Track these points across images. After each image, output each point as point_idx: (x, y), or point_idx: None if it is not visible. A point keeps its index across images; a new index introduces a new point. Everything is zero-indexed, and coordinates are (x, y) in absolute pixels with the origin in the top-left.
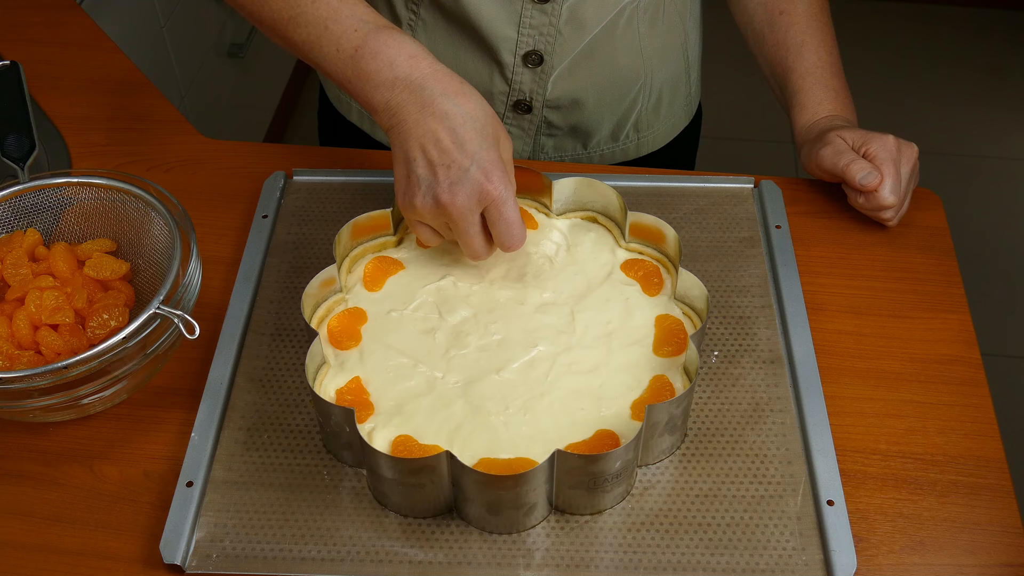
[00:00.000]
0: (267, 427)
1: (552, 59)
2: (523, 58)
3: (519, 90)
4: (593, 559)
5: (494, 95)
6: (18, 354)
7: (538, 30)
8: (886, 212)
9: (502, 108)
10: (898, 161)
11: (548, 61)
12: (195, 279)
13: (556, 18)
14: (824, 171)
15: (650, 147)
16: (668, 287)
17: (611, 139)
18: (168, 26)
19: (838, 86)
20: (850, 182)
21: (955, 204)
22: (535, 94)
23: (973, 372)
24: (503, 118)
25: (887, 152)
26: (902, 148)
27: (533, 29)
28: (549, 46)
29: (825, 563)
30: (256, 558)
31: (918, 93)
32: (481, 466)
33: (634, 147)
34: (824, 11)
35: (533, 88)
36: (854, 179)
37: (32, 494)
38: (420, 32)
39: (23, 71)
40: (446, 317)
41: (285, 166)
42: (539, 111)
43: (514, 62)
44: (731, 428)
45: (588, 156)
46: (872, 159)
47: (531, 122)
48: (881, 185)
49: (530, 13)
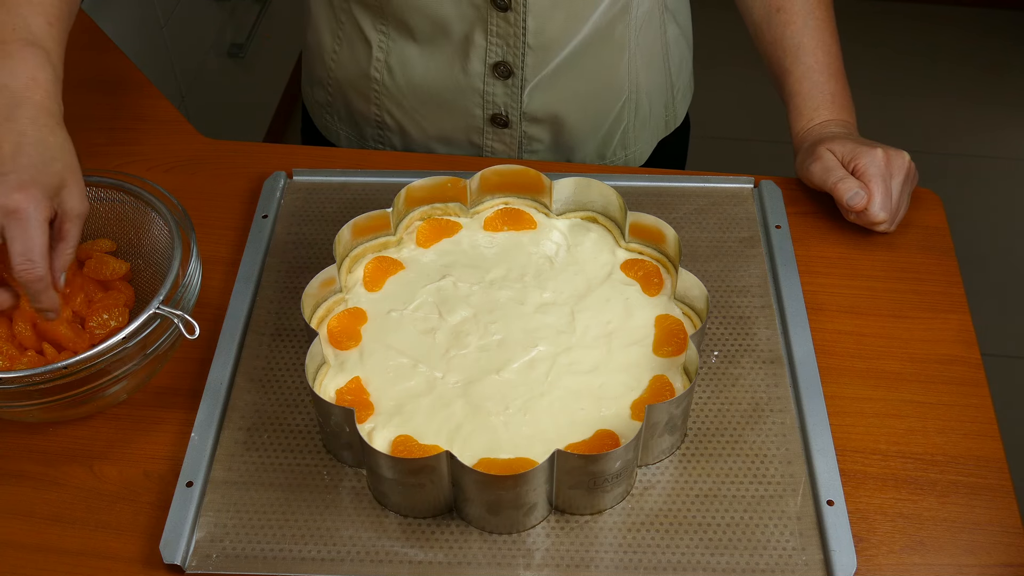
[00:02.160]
0: (267, 427)
1: (523, 72)
2: (492, 68)
3: (492, 103)
4: (593, 559)
5: (470, 111)
6: (18, 354)
7: (504, 40)
8: (879, 226)
9: (480, 123)
10: (887, 176)
11: (517, 74)
12: (195, 279)
13: (519, 29)
14: (814, 186)
15: (638, 160)
16: (668, 287)
17: (597, 157)
18: (168, 26)
19: (836, 89)
20: (838, 201)
21: (955, 204)
22: (510, 108)
23: (973, 372)
24: (483, 133)
25: (876, 168)
26: (892, 160)
27: (500, 39)
28: (517, 58)
29: (825, 563)
30: (256, 558)
31: (918, 92)
32: (481, 466)
33: (621, 163)
34: (823, 7)
35: (507, 102)
36: (842, 199)
37: (32, 494)
38: (392, 52)
39: None
40: (446, 317)
41: (285, 166)
42: (517, 125)
43: (484, 71)
44: (731, 428)
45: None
46: (861, 175)
47: (512, 136)
48: (870, 203)
49: (495, 21)
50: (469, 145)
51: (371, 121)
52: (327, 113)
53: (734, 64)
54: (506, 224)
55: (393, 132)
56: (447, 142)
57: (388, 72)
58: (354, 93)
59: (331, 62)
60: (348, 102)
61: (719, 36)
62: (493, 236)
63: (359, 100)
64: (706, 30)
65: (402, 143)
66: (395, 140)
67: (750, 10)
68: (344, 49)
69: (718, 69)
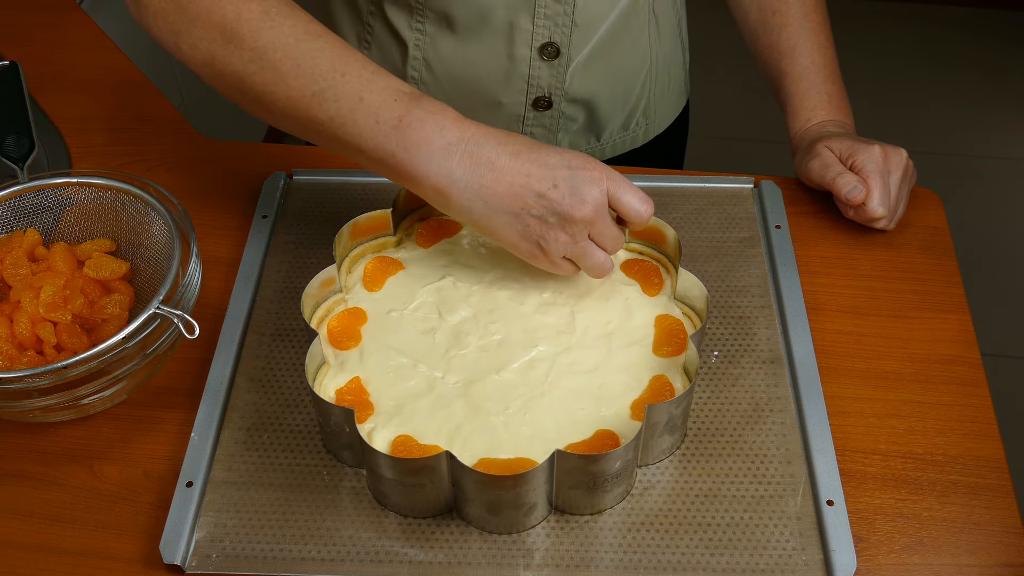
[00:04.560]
0: (267, 427)
1: (569, 51)
2: (539, 51)
3: (537, 86)
4: (593, 559)
5: (512, 97)
6: (18, 354)
7: (553, 20)
8: (878, 222)
9: (521, 109)
10: (885, 172)
11: (565, 53)
12: (195, 279)
13: (570, 7)
14: (813, 183)
15: (656, 130)
16: (668, 287)
17: (622, 128)
18: None
19: (832, 89)
20: (837, 196)
21: (955, 204)
22: (554, 89)
23: (973, 372)
24: (523, 119)
25: (873, 163)
26: (889, 157)
27: (548, 20)
28: (565, 37)
29: (825, 563)
30: (256, 558)
31: (917, 93)
32: (481, 466)
33: (643, 133)
34: (818, 10)
35: (551, 83)
36: (840, 193)
37: (32, 494)
38: (428, 48)
39: (23, 71)
40: (446, 317)
41: (285, 166)
42: (558, 106)
43: (530, 55)
44: (731, 428)
45: (601, 148)
46: (859, 171)
47: (552, 118)
48: (868, 198)
49: (545, 3)
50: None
51: None
52: None
53: (734, 64)
54: None
55: None
56: None
57: (427, 69)
58: None
59: None
60: None
61: (718, 36)
62: None
63: None
64: (705, 30)
65: None
66: None
67: (745, 14)
68: (374, 54)
69: (718, 69)
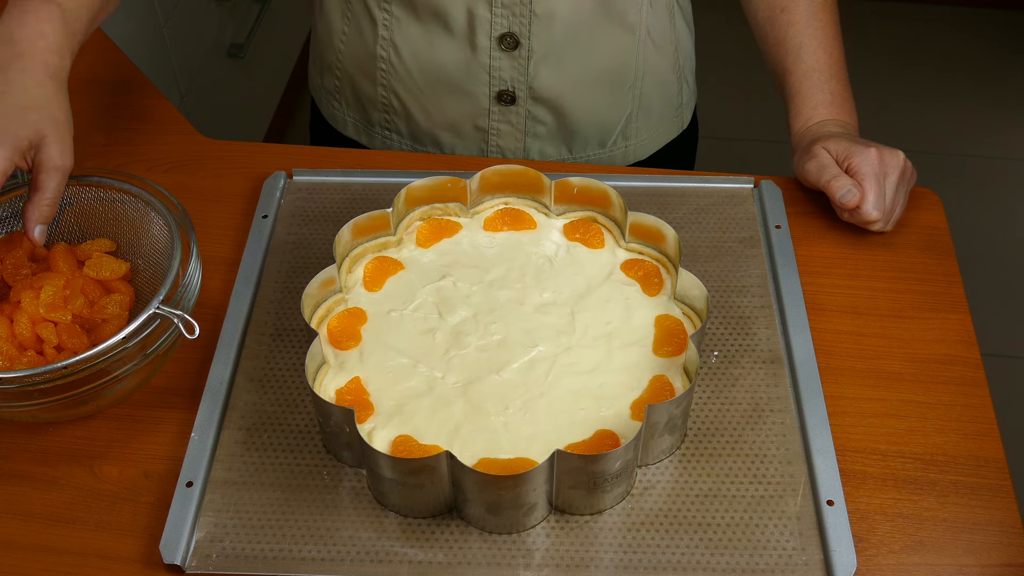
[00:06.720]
0: (267, 427)
1: (529, 42)
2: (498, 40)
3: (499, 78)
4: (593, 559)
5: (476, 88)
6: (18, 354)
7: (511, 10)
8: (873, 225)
9: (486, 102)
10: (881, 174)
11: (525, 44)
12: (195, 279)
13: None
14: (810, 184)
15: (637, 155)
16: (668, 287)
17: (598, 145)
18: (168, 26)
19: (836, 88)
20: (831, 199)
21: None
22: (516, 82)
23: (973, 372)
24: (489, 114)
25: (869, 167)
26: (885, 159)
27: (506, 9)
28: (524, 28)
29: (825, 563)
30: (256, 558)
31: (917, 92)
32: (481, 466)
33: (621, 154)
34: (827, 9)
35: (514, 76)
36: (834, 197)
37: (32, 494)
38: (395, 30)
39: None
40: (446, 317)
41: (285, 166)
42: (524, 103)
43: (490, 45)
44: (731, 428)
45: (574, 160)
46: (854, 174)
47: (518, 115)
48: (863, 202)
49: None
50: (474, 129)
51: (377, 105)
52: (335, 100)
53: (735, 65)
54: (506, 224)
55: (399, 116)
56: (452, 126)
57: (394, 50)
58: (361, 75)
59: (340, 44)
60: (355, 86)
61: (720, 37)
62: (493, 236)
63: (366, 83)
64: (708, 31)
65: (407, 127)
66: (401, 125)
67: (755, 11)
68: (352, 30)
69: (719, 70)
